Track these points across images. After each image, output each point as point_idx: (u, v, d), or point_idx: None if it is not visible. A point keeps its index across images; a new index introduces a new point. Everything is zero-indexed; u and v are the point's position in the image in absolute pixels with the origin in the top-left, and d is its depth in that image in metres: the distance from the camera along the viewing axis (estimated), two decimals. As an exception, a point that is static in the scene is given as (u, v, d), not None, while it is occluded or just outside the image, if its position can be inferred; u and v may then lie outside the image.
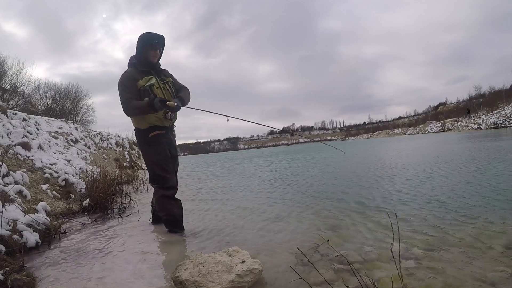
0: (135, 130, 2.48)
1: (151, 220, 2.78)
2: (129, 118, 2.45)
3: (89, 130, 9.57)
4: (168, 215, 2.39)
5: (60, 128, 6.60)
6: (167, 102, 2.22)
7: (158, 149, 2.41)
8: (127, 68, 2.41)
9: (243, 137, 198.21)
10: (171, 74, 2.55)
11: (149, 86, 2.28)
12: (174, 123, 2.53)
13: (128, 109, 2.28)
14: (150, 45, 2.34)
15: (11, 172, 2.88)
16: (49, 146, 4.73)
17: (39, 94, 18.22)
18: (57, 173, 3.81)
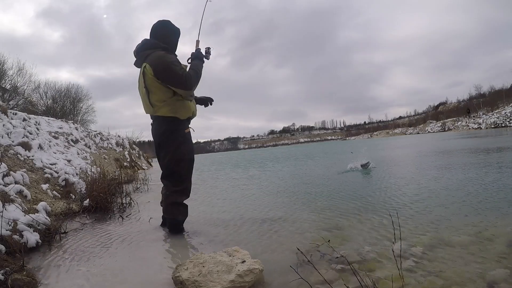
0: (166, 121, 2.23)
1: (151, 220, 2.78)
2: (142, 113, 2.39)
3: (89, 130, 9.57)
4: (173, 220, 2.38)
5: (60, 128, 6.60)
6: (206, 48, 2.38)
7: (190, 149, 2.32)
8: (153, 50, 2.21)
9: (243, 137, 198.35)
10: None
11: None
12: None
13: (193, 78, 2.17)
14: (179, 35, 2.40)
15: (11, 172, 2.88)
16: (49, 146, 4.73)
17: (39, 94, 18.28)
18: (57, 173, 3.81)
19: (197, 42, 2.43)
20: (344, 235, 2.09)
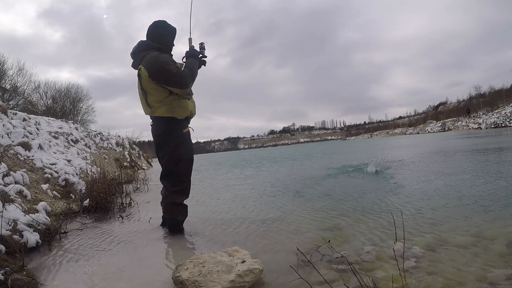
0: (164, 121, 2.23)
1: (151, 220, 2.78)
2: (141, 114, 2.39)
3: (89, 130, 9.57)
4: (173, 220, 2.38)
5: (60, 128, 6.60)
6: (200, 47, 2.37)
7: (189, 149, 2.33)
8: (148, 51, 2.23)
9: (243, 137, 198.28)
10: None
11: None
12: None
13: (188, 77, 2.15)
14: (174, 34, 2.40)
15: (11, 172, 2.88)
16: (49, 146, 4.73)
17: (39, 94, 18.26)
18: (57, 173, 3.81)
19: (190, 40, 2.43)
20: (344, 235, 2.09)
